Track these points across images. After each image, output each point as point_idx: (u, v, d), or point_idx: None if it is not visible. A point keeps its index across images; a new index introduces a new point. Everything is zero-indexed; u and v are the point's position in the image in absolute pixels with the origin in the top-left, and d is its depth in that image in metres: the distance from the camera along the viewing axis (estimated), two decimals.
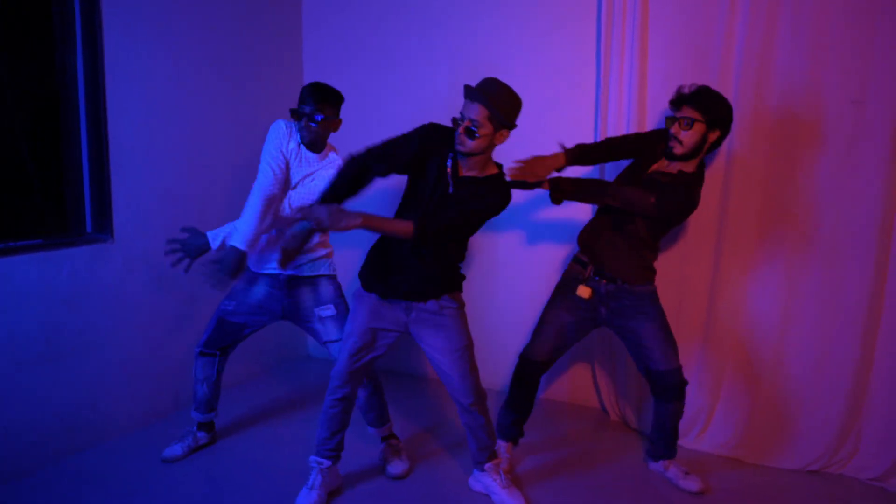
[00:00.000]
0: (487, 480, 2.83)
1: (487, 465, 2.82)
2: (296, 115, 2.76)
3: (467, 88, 2.39)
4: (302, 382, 4.13)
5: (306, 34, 4.38)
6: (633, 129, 3.31)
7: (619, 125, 3.38)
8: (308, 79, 4.40)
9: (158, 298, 3.48)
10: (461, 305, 2.67)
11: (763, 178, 3.11)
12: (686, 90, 2.69)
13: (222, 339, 3.03)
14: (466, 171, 2.49)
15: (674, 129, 2.68)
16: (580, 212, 3.61)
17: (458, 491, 2.92)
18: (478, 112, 2.36)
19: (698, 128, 2.64)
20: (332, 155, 2.88)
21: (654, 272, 2.87)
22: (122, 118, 3.25)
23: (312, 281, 2.95)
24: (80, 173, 3.25)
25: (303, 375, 4.25)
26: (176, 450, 3.13)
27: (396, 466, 3.02)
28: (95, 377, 3.20)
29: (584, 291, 2.85)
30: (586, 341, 3.73)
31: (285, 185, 2.80)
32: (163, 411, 3.53)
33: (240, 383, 4.06)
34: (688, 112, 2.64)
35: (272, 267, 2.94)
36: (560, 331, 2.91)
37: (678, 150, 2.68)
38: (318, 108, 2.73)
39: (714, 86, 3.14)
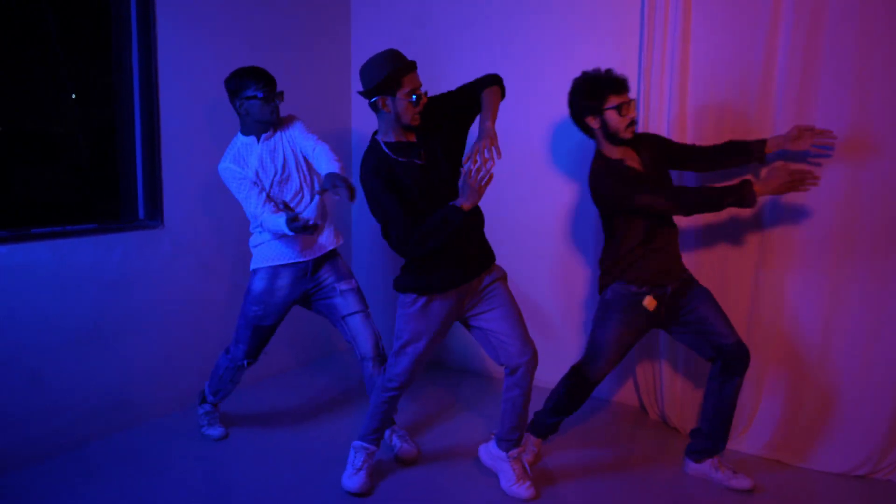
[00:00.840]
0: (504, 465, 2.82)
1: (512, 452, 2.80)
2: (268, 98, 2.82)
3: (407, 60, 2.46)
4: (341, 374, 4.19)
5: (354, 29, 4.47)
6: (673, 124, 3.25)
7: (660, 119, 3.32)
8: (355, 74, 4.48)
9: (204, 284, 3.60)
10: (505, 274, 2.75)
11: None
12: (613, 75, 2.70)
13: (260, 345, 3.08)
14: (407, 139, 2.57)
15: (633, 113, 2.68)
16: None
17: (467, 480, 2.92)
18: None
19: None
20: (294, 126, 2.97)
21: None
22: (173, 111, 3.39)
23: (331, 255, 3.02)
24: (134, 163, 3.41)
25: (342, 368, 4.31)
26: (219, 429, 3.24)
27: (410, 451, 3.05)
28: (140, 358, 3.34)
29: (650, 303, 2.75)
30: None
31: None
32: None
33: (280, 374, 4.15)
34: (629, 93, 2.71)
35: (295, 255, 2.96)
36: (621, 349, 2.85)
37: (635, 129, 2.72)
38: (275, 86, 2.88)
39: (759, 80, 3.06)
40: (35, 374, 2.94)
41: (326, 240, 3.02)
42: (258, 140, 2.89)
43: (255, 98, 2.81)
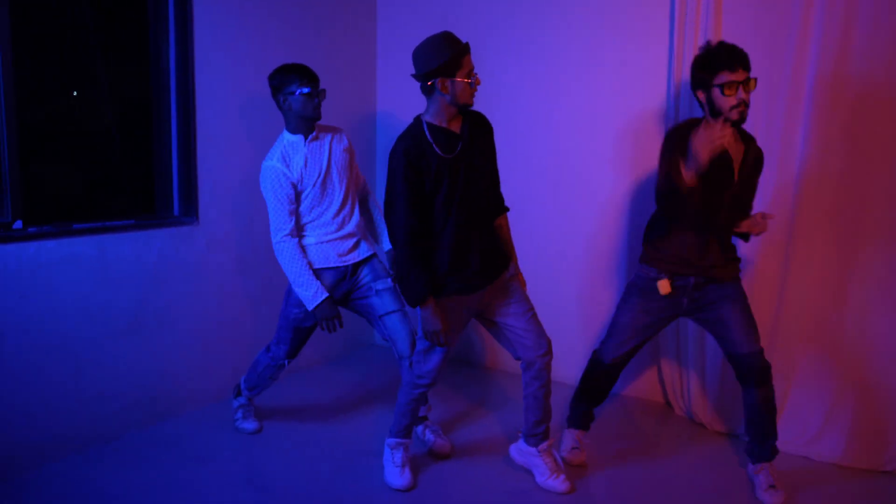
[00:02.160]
0: (537, 460, 2.86)
1: (542, 446, 2.84)
2: (311, 95, 2.86)
3: (463, 42, 2.51)
4: (368, 369, 4.25)
5: (380, 30, 4.54)
6: None
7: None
8: (382, 71, 4.55)
9: (237, 279, 3.66)
10: (518, 271, 2.83)
11: (839, 172, 3.05)
12: (731, 49, 2.50)
13: (301, 344, 3.14)
14: (450, 126, 2.60)
15: (743, 95, 2.48)
16: (641, 195, 3.61)
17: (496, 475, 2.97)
18: None
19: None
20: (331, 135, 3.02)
21: (738, 259, 2.80)
22: (209, 110, 3.46)
23: (369, 259, 3.07)
24: (170, 160, 3.47)
25: (369, 363, 4.36)
26: (254, 423, 3.29)
27: (444, 445, 3.11)
28: (177, 350, 3.40)
29: (664, 287, 2.74)
30: None
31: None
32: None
33: (308, 368, 4.20)
34: (745, 72, 2.50)
35: (336, 259, 2.98)
36: (636, 333, 2.86)
37: (746, 113, 2.52)
38: (318, 83, 2.91)
39: (788, 79, 3.10)
40: (78, 365, 3.01)
41: (365, 247, 3.07)
42: (305, 139, 2.93)
43: (300, 94, 2.86)
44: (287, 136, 2.95)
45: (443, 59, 2.46)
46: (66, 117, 3.30)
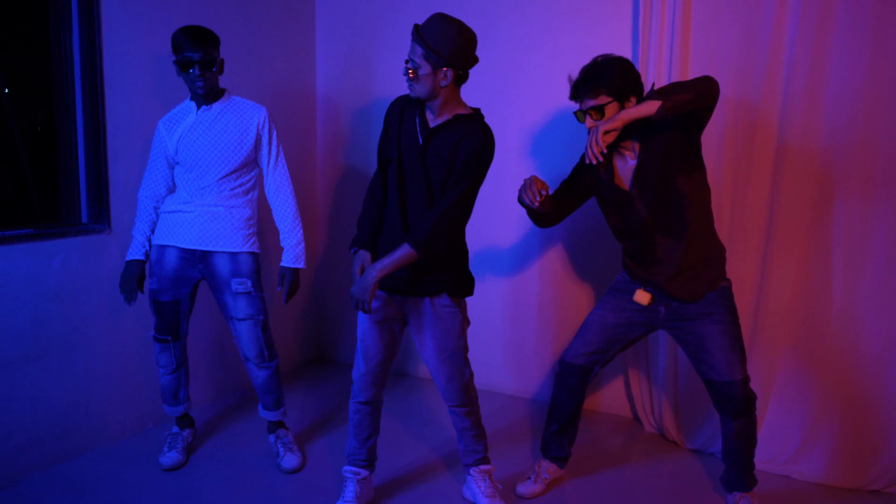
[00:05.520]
0: (473, 487, 2.64)
1: (473, 470, 2.62)
2: (187, 64, 2.58)
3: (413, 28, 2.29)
4: (326, 388, 3.88)
5: (319, 14, 4.14)
6: None
7: None
8: (322, 63, 4.17)
9: None
10: (460, 306, 2.47)
11: (817, 169, 2.83)
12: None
13: (166, 321, 2.83)
14: (434, 122, 2.36)
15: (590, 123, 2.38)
16: None
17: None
18: (417, 52, 2.25)
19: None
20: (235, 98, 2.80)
21: (722, 262, 2.50)
22: (120, 103, 3.06)
23: (233, 255, 2.78)
24: (76, 160, 3.05)
25: (328, 381, 4.00)
26: (173, 457, 2.90)
27: (291, 460, 2.86)
28: (88, 376, 3.00)
29: (642, 297, 2.50)
30: None
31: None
32: (160, 414, 3.30)
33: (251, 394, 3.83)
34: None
35: (181, 240, 2.74)
36: (602, 332, 2.58)
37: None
38: (203, 50, 2.61)
39: (763, 67, 2.86)
40: None
41: (224, 239, 2.76)
42: (197, 108, 2.71)
43: (183, 60, 2.60)
44: (186, 102, 2.77)
45: (471, 55, 2.32)
46: None
